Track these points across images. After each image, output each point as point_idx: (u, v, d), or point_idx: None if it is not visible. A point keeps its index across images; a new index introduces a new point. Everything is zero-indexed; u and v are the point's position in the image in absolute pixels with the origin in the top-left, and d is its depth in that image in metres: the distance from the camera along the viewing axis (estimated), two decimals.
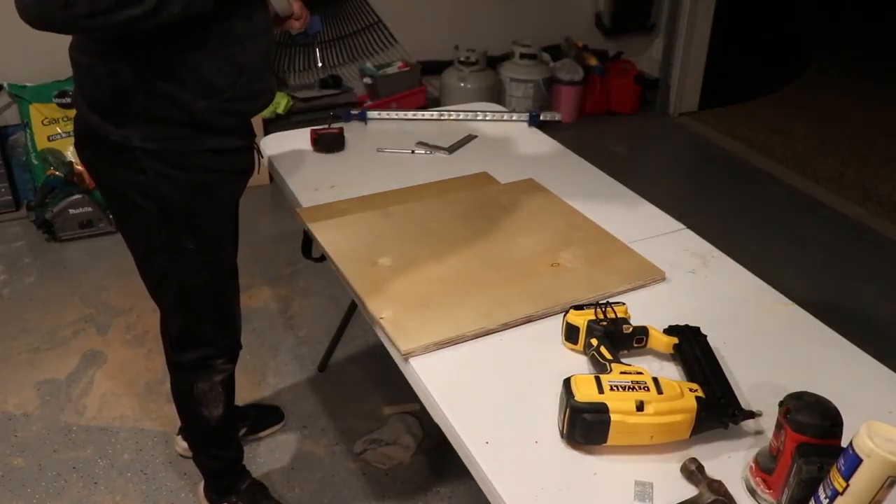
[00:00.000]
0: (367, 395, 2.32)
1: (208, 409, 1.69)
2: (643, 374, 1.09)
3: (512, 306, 1.33)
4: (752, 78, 5.08)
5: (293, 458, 2.10)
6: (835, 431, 0.95)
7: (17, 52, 3.07)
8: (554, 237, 1.55)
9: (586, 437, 1.05)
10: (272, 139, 2.00)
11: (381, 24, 3.83)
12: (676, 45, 4.28)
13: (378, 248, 1.49)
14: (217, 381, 1.67)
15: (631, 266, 1.46)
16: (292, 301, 2.73)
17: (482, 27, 4.06)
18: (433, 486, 2.03)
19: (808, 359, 1.27)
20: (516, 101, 4.01)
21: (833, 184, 3.73)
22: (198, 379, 1.66)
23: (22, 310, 2.63)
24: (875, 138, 4.24)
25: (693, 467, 1.02)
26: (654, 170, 3.78)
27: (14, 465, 2.06)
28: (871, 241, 3.28)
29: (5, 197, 3.21)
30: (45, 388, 2.32)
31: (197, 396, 1.68)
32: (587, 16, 4.40)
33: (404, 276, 1.41)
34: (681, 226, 1.65)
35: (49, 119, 3.11)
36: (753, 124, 4.37)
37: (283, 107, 3.59)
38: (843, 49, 5.69)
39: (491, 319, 1.29)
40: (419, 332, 1.25)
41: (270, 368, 2.41)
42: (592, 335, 1.21)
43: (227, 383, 1.71)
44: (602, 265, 1.46)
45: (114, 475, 2.03)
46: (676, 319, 1.29)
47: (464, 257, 1.47)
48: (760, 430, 1.11)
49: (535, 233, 1.56)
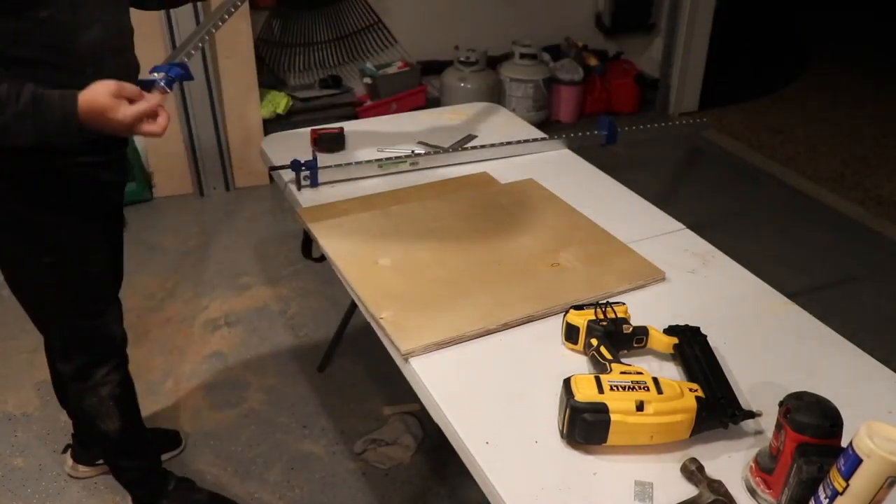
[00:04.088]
0: (367, 395, 2.32)
1: (104, 423, 1.66)
2: (643, 374, 1.09)
3: (512, 306, 1.33)
4: (752, 78, 5.08)
5: (293, 458, 2.10)
6: (835, 431, 0.95)
7: None
8: (554, 237, 1.55)
9: (586, 437, 1.05)
10: (272, 139, 2.00)
11: (381, 24, 3.83)
12: (676, 45, 4.28)
13: (378, 248, 1.49)
14: (104, 395, 1.63)
15: (631, 266, 1.46)
16: (292, 301, 2.73)
17: (482, 27, 4.06)
18: (433, 486, 2.03)
19: (808, 359, 1.27)
20: (516, 101, 4.01)
21: (833, 184, 3.73)
22: (82, 396, 1.62)
23: (22, 310, 2.62)
24: (875, 138, 4.24)
25: (693, 467, 1.02)
26: (654, 170, 3.78)
27: (14, 465, 2.06)
28: (871, 241, 3.28)
29: None
30: (45, 388, 2.31)
31: (88, 411, 1.64)
32: (587, 16, 4.40)
33: (404, 276, 1.41)
34: (681, 226, 1.65)
35: None
36: (753, 124, 4.37)
37: (283, 107, 3.59)
38: (843, 49, 5.69)
39: (491, 319, 1.29)
40: (419, 332, 1.25)
41: (270, 368, 2.41)
42: (592, 335, 1.21)
43: (118, 394, 1.65)
44: (602, 265, 1.46)
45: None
46: (676, 319, 1.29)
47: (464, 257, 1.47)
48: (760, 430, 1.11)
49: (536, 233, 1.56)
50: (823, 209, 3.52)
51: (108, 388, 1.63)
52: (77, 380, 1.62)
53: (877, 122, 4.44)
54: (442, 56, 4.00)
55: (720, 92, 4.57)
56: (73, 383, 1.63)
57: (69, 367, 1.61)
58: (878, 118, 4.49)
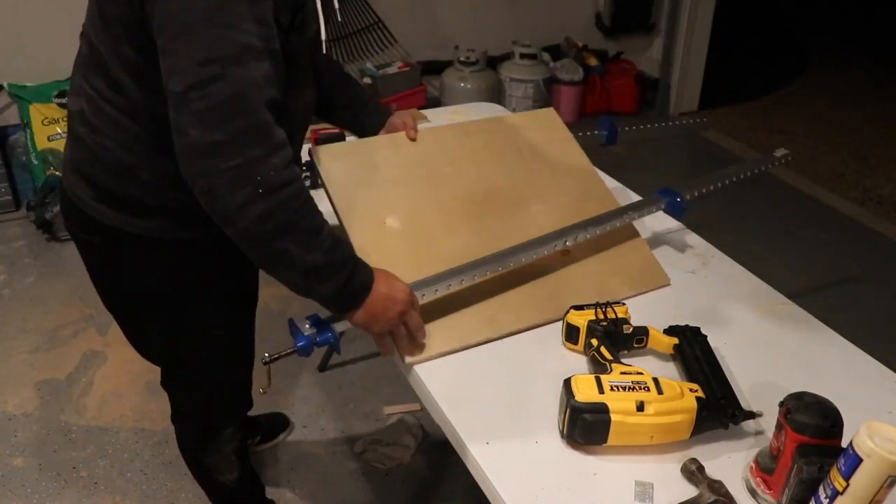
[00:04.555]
0: (367, 395, 2.32)
1: (223, 476, 1.62)
2: (643, 374, 1.09)
3: (518, 311, 1.31)
4: (752, 78, 5.08)
5: (293, 458, 2.10)
6: (835, 431, 0.95)
7: (18, 52, 3.07)
8: (566, 209, 1.48)
9: (586, 437, 1.05)
10: None
11: (381, 24, 3.83)
12: (676, 45, 4.28)
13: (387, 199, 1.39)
14: (228, 452, 1.58)
15: (640, 269, 1.45)
16: (292, 301, 2.73)
17: (482, 27, 4.06)
18: (433, 486, 2.03)
19: (808, 359, 1.27)
20: (516, 101, 4.01)
21: (833, 184, 3.73)
22: (205, 455, 1.58)
23: (22, 310, 2.63)
24: (875, 138, 4.23)
25: (693, 468, 1.02)
26: (654, 170, 3.78)
27: (14, 465, 2.06)
28: (871, 241, 3.28)
29: (5, 197, 3.22)
30: (44, 388, 2.32)
31: (209, 466, 1.60)
32: (587, 16, 4.40)
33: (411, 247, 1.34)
34: (681, 226, 1.65)
35: (49, 119, 3.10)
36: (753, 124, 4.37)
37: None
38: (843, 49, 5.69)
39: (495, 327, 1.28)
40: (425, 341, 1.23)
41: (270, 368, 2.41)
42: (593, 335, 1.21)
43: (239, 448, 1.62)
44: (610, 262, 1.44)
45: (114, 475, 2.03)
46: (676, 319, 1.29)
47: (474, 225, 1.41)
48: (761, 430, 1.11)
49: (549, 198, 1.50)
50: (823, 209, 3.52)
51: (233, 445, 1.59)
52: (202, 441, 1.57)
53: (877, 122, 4.44)
54: (442, 56, 4.00)
55: (720, 92, 4.57)
56: (194, 445, 1.58)
57: (194, 428, 1.56)
58: (878, 118, 4.49)
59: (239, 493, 1.71)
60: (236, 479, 1.64)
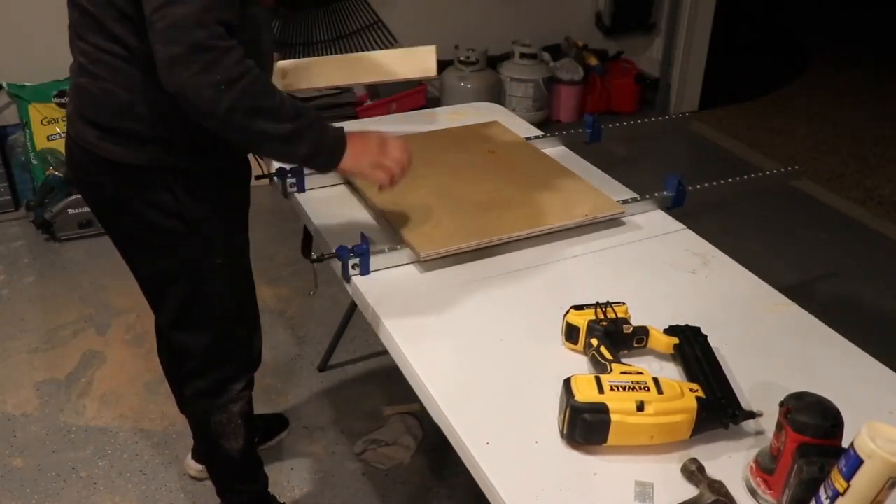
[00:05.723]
0: (367, 395, 2.32)
1: (228, 442, 1.65)
2: (643, 374, 1.08)
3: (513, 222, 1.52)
4: (752, 78, 5.07)
5: (293, 458, 2.10)
6: (835, 432, 0.95)
7: (17, 52, 3.07)
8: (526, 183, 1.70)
9: (586, 437, 1.05)
10: None
11: (381, 24, 3.83)
12: (676, 45, 4.27)
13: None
14: (235, 412, 1.62)
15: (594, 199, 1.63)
16: (292, 301, 2.73)
17: (482, 27, 4.06)
18: (433, 486, 2.03)
19: (808, 359, 1.26)
20: (516, 101, 4.01)
21: (833, 184, 3.73)
22: (213, 411, 1.61)
23: (22, 310, 2.62)
24: (875, 138, 4.23)
25: (693, 468, 1.02)
26: (654, 170, 3.78)
27: (13, 466, 2.06)
28: (871, 241, 3.28)
29: (5, 197, 3.21)
30: (44, 388, 2.31)
31: (215, 429, 1.63)
32: (587, 15, 4.39)
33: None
34: (681, 226, 1.64)
35: (48, 119, 3.10)
36: (753, 124, 4.37)
37: None
38: (843, 49, 5.69)
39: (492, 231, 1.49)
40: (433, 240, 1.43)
41: (270, 369, 2.41)
42: (593, 335, 1.21)
43: (247, 412, 1.66)
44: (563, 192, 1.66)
45: (113, 476, 2.03)
46: (676, 319, 1.28)
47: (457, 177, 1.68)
48: (761, 430, 1.11)
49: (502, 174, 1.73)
50: (823, 209, 3.52)
51: (240, 406, 1.63)
52: (211, 396, 1.60)
53: (877, 122, 4.44)
54: (442, 56, 3.98)
55: (720, 92, 4.57)
56: (203, 400, 1.61)
57: (205, 383, 1.59)
58: (878, 118, 4.49)
59: (243, 468, 1.74)
60: (241, 451, 1.67)
